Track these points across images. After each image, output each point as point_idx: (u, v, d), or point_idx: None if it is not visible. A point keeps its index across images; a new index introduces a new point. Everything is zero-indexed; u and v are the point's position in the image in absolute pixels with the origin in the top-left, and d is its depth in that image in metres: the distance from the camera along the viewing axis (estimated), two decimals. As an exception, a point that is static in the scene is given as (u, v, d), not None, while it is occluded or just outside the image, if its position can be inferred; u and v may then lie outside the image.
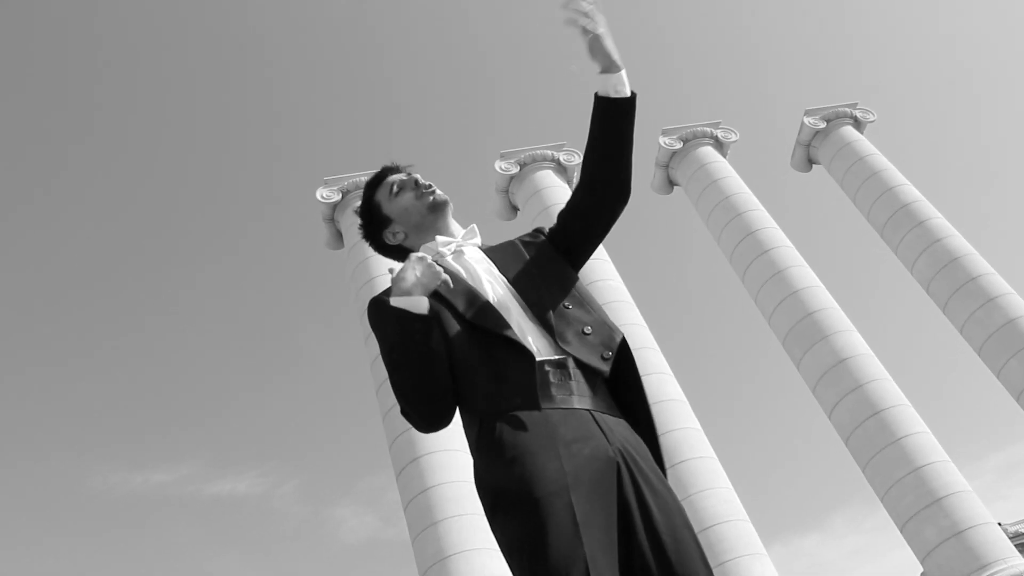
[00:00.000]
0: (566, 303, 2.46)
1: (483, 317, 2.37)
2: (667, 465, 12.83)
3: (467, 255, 2.60)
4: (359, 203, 2.83)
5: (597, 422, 2.27)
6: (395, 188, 2.71)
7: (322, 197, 17.93)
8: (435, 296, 2.41)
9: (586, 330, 2.41)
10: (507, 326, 2.35)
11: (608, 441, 2.24)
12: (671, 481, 14.46)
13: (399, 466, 14.13)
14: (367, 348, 15.83)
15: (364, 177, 17.98)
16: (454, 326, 2.38)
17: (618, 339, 2.43)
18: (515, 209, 19.98)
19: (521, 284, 2.50)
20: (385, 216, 2.72)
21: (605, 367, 2.35)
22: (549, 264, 2.58)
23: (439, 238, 2.63)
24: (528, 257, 2.59)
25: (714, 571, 2.20)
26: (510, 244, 2.67)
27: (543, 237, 2.67)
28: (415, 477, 13.68)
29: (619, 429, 2.31)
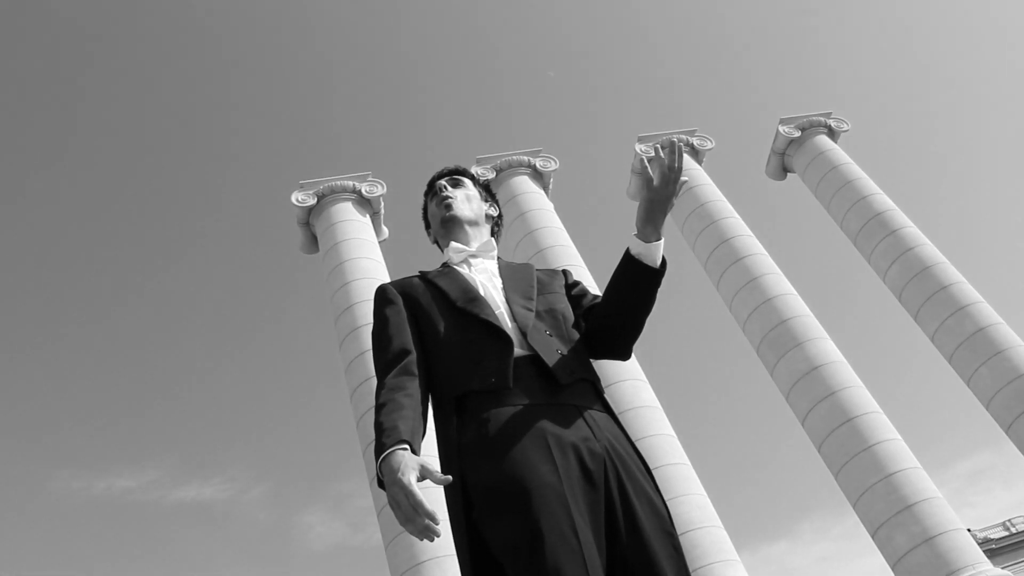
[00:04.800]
0: (548, 331, 2.53)
1: (469, 303, 2.55)
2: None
3: (475, 265, 2.78)
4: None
5: (584, 417, 2.32)
6: (432, 194, 3.01)
7: (297, 201, 17.82)
8: (426, 282, 2.69)
9: (559, 350, 2.49)
10: (491, 313, 2.51)
11: (595, 437, 2.28)
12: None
13: (372, 472, 14.04)
14: (341, 352, 15.76)
15: (339, 181, 17.93)
16: (438, 313, 2.57)
17: (585, 375, 2.48)
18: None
19: (514, 297, 2.62)
20: (427, 220, 3.05)
21: (567, 380, 2.41)
22: (552, 296, 2.69)
23: (453, 244, 2.84)
24: (535, 281, 2.73)
25: (688, 579, 2.20)
26: (525, 266, 2.83)
27: (562, 277, 2.84)
28: (389, 483, 13.61)
29: (606, 424, 2.36)
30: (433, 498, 13.12)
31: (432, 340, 2.53)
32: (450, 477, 2.20)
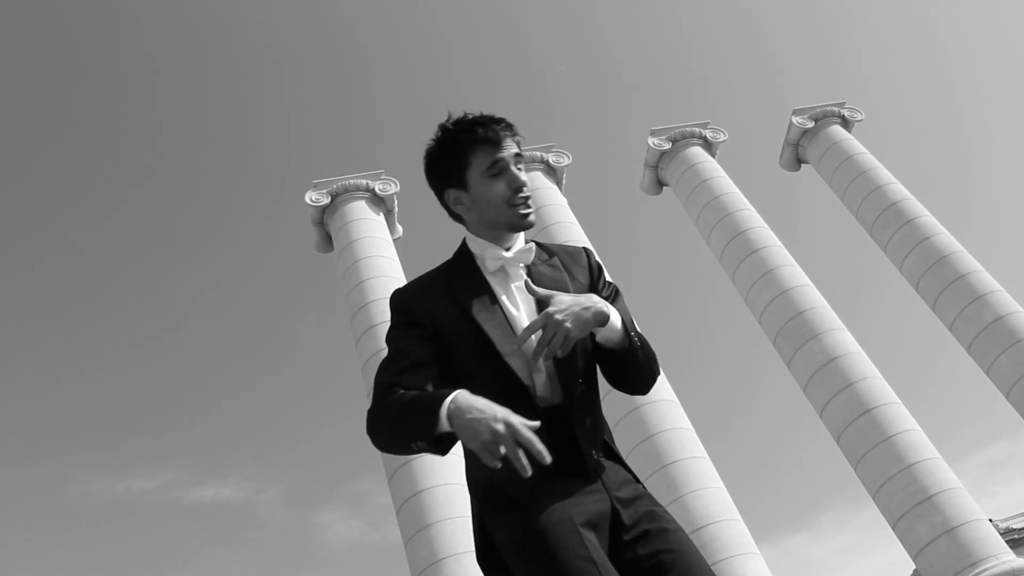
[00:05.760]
0: (581, 380, 2.30)
1: (510, 356, 2.23)
2: (659, 466, 12.79)
3: (514, 282, 2.39)
4: (433, 142, 2.44)
5: (590, 473, 2.24)
6: (495, 168, 2.36)
7: (311, 200, 17.87)
8: (456, 305, 2.31)
9: (587, 421, 2.28)
10: (527, 377, 2.22)
11: (605, 490, 2.23)
12: (662, 481, 14.41)
13: (391, 469, 14.09)
14: (357, 351, 15.78)
15: (353, 180, 17.97)
16: (470, 354, 2.26)
17: (602, 439, 2.34)
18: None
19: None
20: (465, 181, 2.38)
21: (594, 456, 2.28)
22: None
23: (489, 248, 2.38)
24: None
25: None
26: (559, 273, 2.43)
27: (588, 273, 2.50)
28: (407, 480, 13.65)
29: (613, 475, 2.28)
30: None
31: (457, 378, 2.25)
32: (538, 423, 1.99)
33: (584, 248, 2.57)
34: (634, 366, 2.31)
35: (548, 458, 1.93)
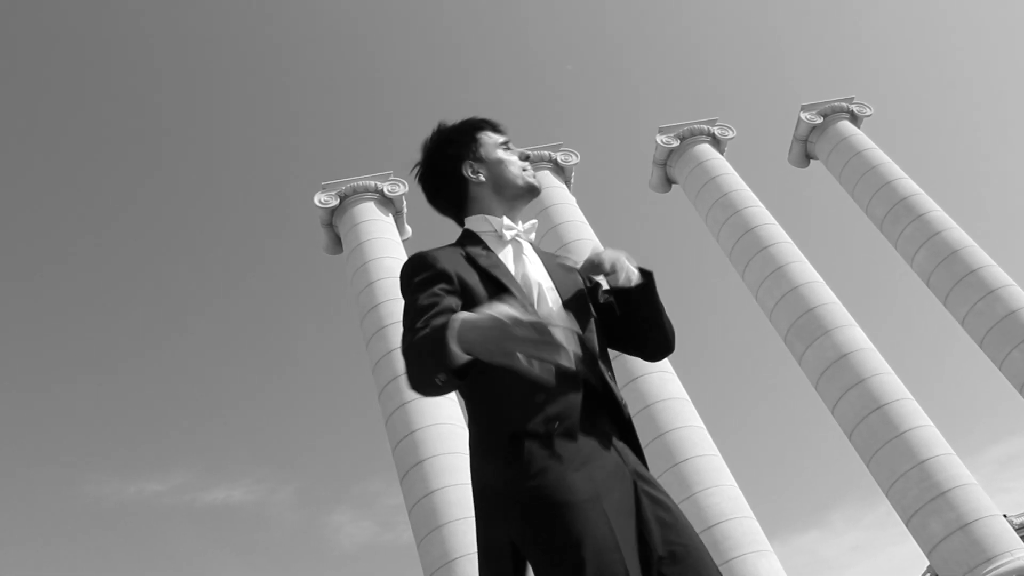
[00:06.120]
0: (600, 359, 2.37)
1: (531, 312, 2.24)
2: (671, 463, 12.79)
3: (526, 253, 2.49)
4: (441, 132, 2.63)
5: (613, 444, 2.25)
6: (506, 145, 2.63)
7: (320, 202, 17.91)
8: (478, 269, 2.34)
9: (610, 382, 2.35)
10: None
11: (624, 462, 2.23)
12: (674, 479, 14.39)
13: (403, 470, 14.11)
14: (367, 352, 15.79)
15: (361, 181, 17.99)
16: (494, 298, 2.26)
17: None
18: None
19: (572, 310, 2.41)
20: (481, 156, 2.58)
21: (624, 413, 2.33)
22: (588, 307, 2.48)
23: (504, 219, 2.51)
24: (578, 287, 2.49)
25: (720, 569, 2.18)
26: (570, 273, 2.54)
27: (580, 277, 2.56)
28: (419, 481, 13.68)
29: (627, 454, 2.29)
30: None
31: None
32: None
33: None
34: (660, 321, 2.47)
35: (571, 354, 1.87)
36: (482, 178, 2.55)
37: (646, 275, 2.46)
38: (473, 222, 2.54)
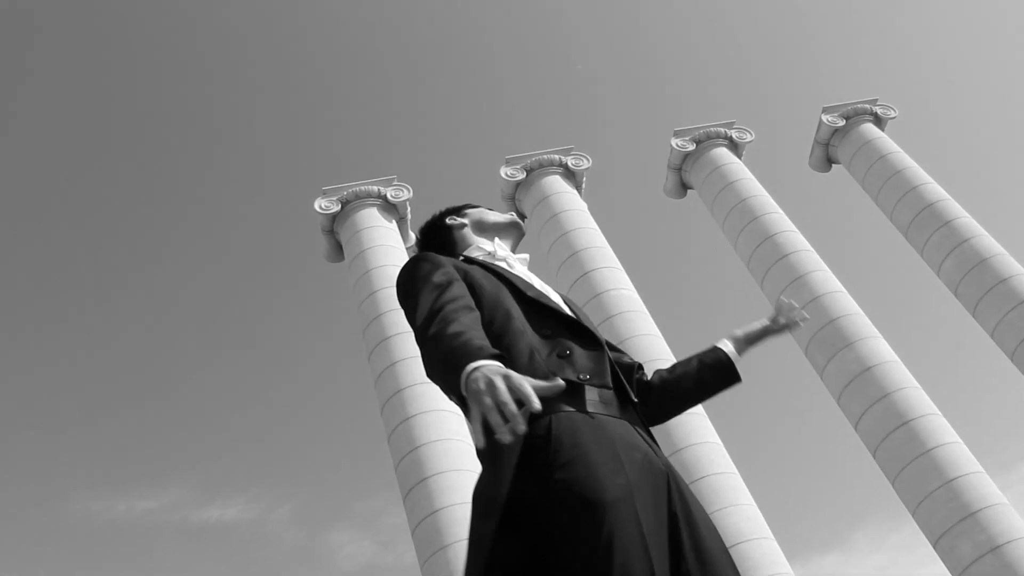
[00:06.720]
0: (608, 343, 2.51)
1: (540, 296, 2.42)
2: (687, 481, 12.36)
3: (519, 267, 2.65)
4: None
5: (642, 435, 2.28)
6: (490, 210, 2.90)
7: (320, 208, 17.73)
8: (481, 265, 2.49)
9: (624, 359, 2.53)
10: (567, 312, 2.42)
11: (656, 454, 2.24)
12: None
13: (405, 488, 13.99)
14: (370, 364, 15.58)
15: (364, 186, 17.78)
16: (508, 297, 2.38)
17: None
18: (523, 217, 19.58)
19: (572, 308, 2.55)
20: (463, 211, 2.86)
21: (634, 397, 2.41)
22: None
23: (497, 240, 2.71)
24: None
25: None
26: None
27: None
28: (423, 499, 13.54)
29: (658, 448, 2.33)
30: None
31: (501, 325, 2.28)
32: (562, 383, 1.94)
33: None
34: (707, 396, 2.72)
35: (537, 404, 1.81)
36: (464, 221, 2.80)
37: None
38: (469, 250, 2.72)
